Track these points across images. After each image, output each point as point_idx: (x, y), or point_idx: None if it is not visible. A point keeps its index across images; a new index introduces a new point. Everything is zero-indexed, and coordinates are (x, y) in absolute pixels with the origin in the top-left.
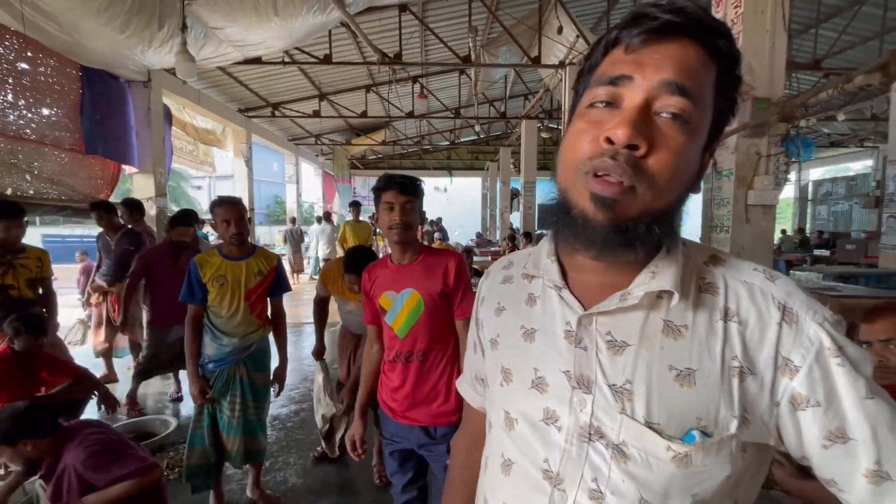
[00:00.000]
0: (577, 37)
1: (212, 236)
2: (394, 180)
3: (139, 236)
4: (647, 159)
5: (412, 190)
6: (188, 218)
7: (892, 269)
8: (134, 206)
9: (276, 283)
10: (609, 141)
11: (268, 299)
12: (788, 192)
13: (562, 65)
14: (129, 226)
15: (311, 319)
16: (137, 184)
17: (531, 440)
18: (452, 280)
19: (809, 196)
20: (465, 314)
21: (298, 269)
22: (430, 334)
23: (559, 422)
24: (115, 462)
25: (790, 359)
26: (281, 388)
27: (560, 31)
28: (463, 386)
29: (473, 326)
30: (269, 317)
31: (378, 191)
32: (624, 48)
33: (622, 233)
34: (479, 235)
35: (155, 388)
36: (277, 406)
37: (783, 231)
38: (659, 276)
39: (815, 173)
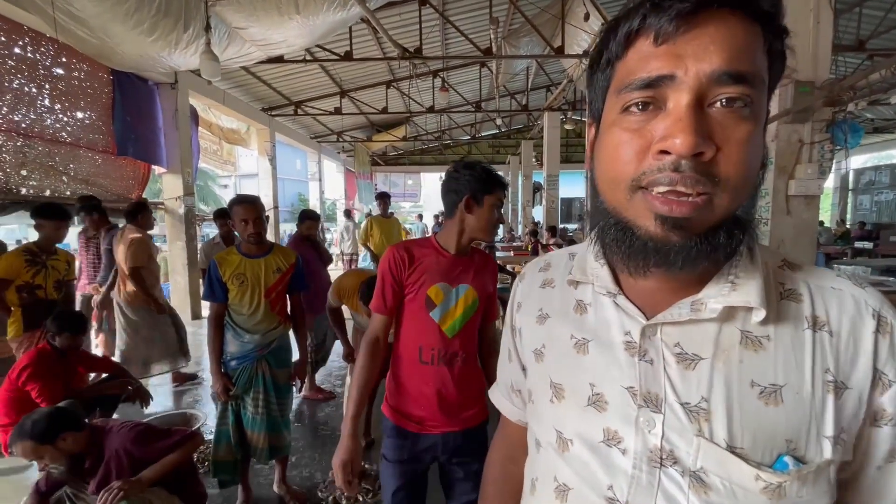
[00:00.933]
0: (603, 24)
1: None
2: (501, 181)
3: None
4: (716, 162)
5: (503, 189)
6: (315, 213)
7: None
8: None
9: (296, 280)
10: (664, 152)
11: (287, 296)
12: (828, 181)
13: (586, 54)
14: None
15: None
16: (167, 183)
17: (591, 464)
18: (495, 279)
19: (850, 185)
20: (494, 316)
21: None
22: (474, 335)
23: (623, 444)
24: (162, 436)
25: (885, 372)
26: (302, 384)
27: (587, 17)
28: (496, 396)
29: (508, 333)
30: (289, 314)
31: (485, 186)
32: (653, 38)
33: (702, 246)
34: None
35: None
36: (308, 404)
37: (821, 223)
38: (741, 287)
39: (857, 161)
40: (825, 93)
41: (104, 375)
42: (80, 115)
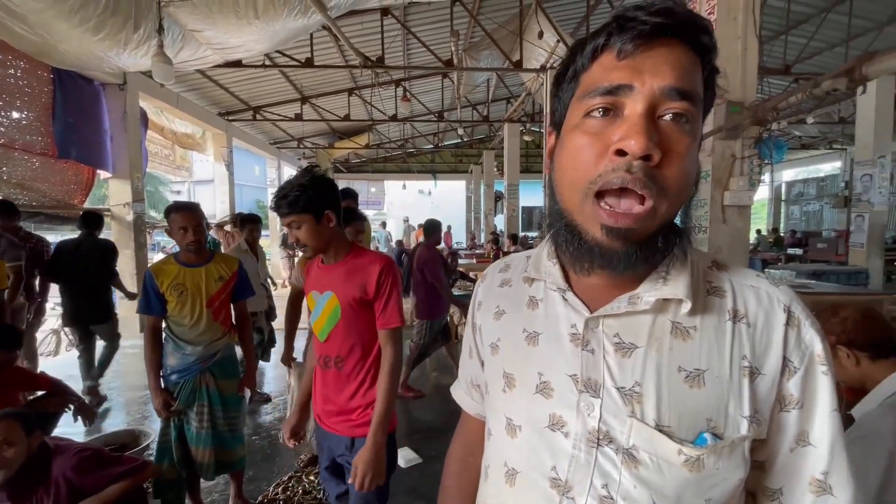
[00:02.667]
0: (558, 41)
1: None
2: (275, 203)
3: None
4: (661, 168)
5: (288, 209)
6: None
7: (860, 266)
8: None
9: (239, 288)
10: (620, 153)
11: (231, 305)
12: (763, 192)
13: (543, 69)
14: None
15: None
16: (113, 189)
17: (537, 447)
18: (373, 287)
19: (783, 197)
20: (387, 324)
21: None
22: (349, 341)
23: (566, 427)
24: (109, 464)
25: (791, 360)
26: (252, 395)
27: (541, 35)
28: (458, 392)
29: (469, 331)
30: (234, 323)
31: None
32: (616, 54)
33: (642, 252)
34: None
35: (132, 396)
36: (261, 414)
37: (758, 231)
38: (672, 282)
39: (788, 174)
40: (752, 112)
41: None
42: (15, 114)
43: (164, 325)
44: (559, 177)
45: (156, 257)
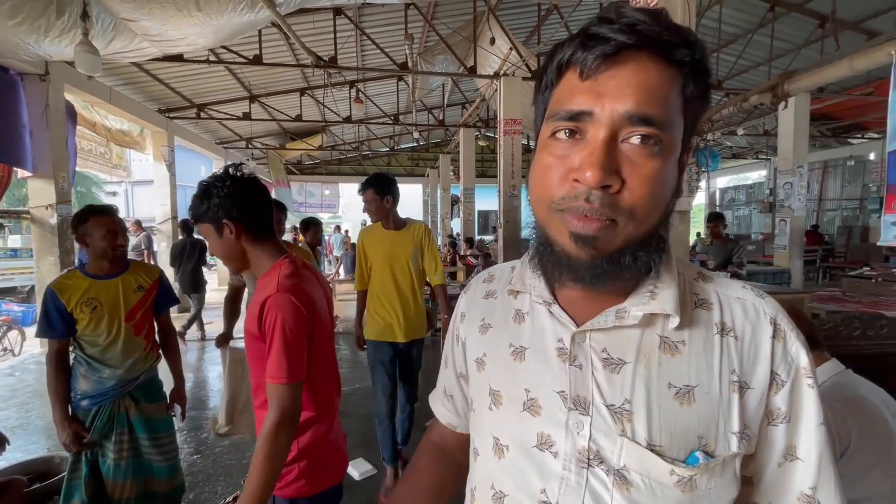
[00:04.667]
0: (511, 49)
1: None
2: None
3: None
4: (622, 194)
5: (191, 216)
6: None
7: (784, 267)
8: None
9: (162, 297)
10: (578, 181)
11: (153, 318)
12: (700, 198)
13: (496, 76)
14: None
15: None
16: (34, 190)
17: (525, 468)
18: (255, 325)
19: (717, 202)
20: (268, 376)
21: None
22: (254, 379)
23: (555, 447)
24: None
25: (778, 373)
26: (184, 412)
27: (493, 42)
28: (434, 402)
29: (450, 341)
30: (156, 339)
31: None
32: (579, 73)
33: (607, 265)
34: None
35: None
36: (204, 430)
37: (698, 234)
38: (659, 297)
39: (722, 182)
40: None
41: None
42: None
43: (71, 346)
44: (531, 192)
45: None
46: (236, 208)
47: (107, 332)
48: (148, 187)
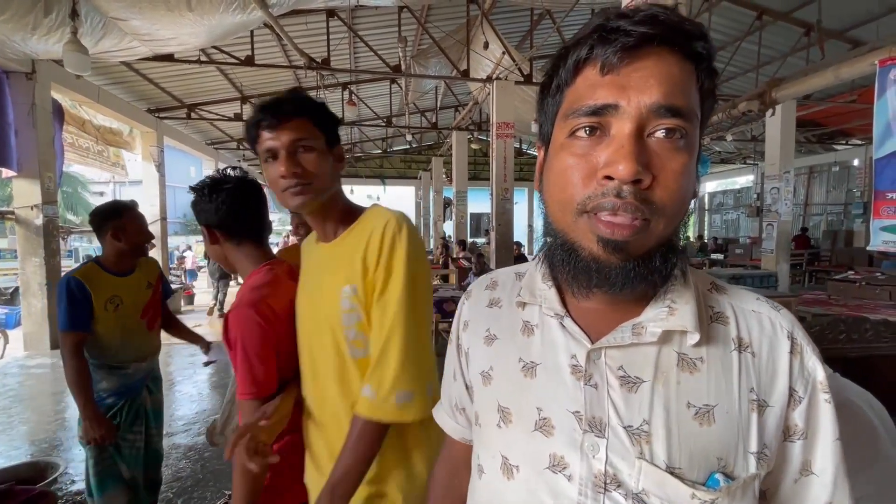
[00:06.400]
0: (503, 53)
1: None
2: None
3: None
4: (653, 190)
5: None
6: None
7: (771, 270)
8: None
9: (166, 289)
10: (608, 177)
11: (161, 310)
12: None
13: (489, 79)
14: None
15: None
16: (18, 189)
17: (537, 491)
18: (224, 339)
19: (706, 206)
20: (239, 393)
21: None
22: None
23: (568, 469)
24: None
25: (796, 389)
26: (208, 348)
27: (486, 46)
28: (440, 415)
29: (453, 351)
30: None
31: None
32: (599, 68)
33: (639, 269)
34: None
35: (38, 422)
36: (192, 435)
37: (686, 237)
38: (678, 312)
39: (710, 186)
40: None
41: None
42: None
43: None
44: (549, 196)
45: (71, 266)
46: (215, 215)
47: (121, 332)
48: (136, 188)
